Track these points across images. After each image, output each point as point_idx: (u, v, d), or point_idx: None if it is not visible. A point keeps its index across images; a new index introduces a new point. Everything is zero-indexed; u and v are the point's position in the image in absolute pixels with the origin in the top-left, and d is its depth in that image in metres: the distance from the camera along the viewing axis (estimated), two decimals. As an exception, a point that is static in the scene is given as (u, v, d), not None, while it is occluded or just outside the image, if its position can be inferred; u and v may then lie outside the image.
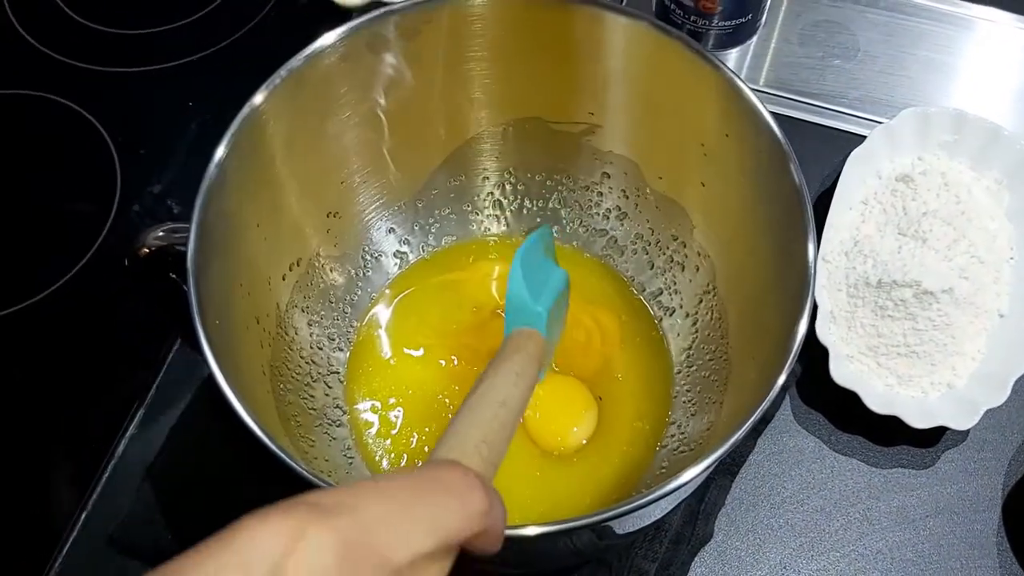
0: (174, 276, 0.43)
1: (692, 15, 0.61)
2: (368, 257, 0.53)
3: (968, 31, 0.67)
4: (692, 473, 0.36)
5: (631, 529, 0.47)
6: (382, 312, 0.53)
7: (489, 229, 0.56)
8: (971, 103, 0.62)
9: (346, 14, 0.63)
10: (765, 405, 0.37)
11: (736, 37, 0.64)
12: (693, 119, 0.47)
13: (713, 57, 0.43)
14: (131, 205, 0.60)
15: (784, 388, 0.38)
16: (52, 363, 0.55)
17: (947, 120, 0.58)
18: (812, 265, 0.40)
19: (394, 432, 0.49)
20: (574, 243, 0.55)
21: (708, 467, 0.37)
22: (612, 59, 0.48)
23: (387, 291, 0.54)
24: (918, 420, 0.51)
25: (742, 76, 0.44)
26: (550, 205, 0.55)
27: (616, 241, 0.54)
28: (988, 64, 0.66)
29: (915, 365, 0.53)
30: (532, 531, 0.35)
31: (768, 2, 0.64)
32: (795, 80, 0.65)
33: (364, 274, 0.53)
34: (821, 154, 0.61)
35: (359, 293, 0.53)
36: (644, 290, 0.54)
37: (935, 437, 0.53)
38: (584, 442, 0.50)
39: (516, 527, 0.36)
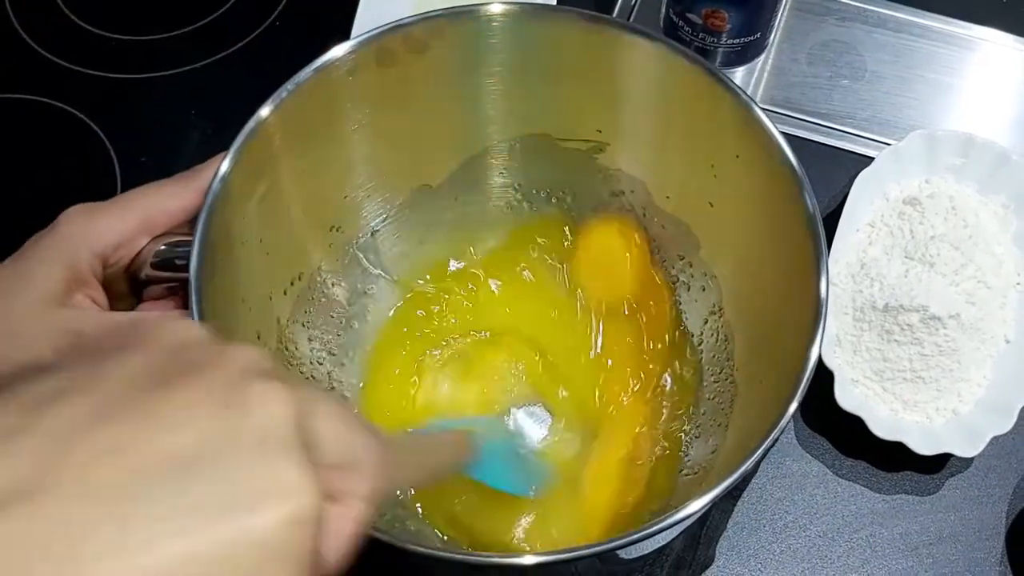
0: (174, 290, 0.42)
1: (700, 32, 0.61)
2: (371, 273, 0.52)
3: (977, 54, 0.67)
4: (700, 503, 0.36)
5: (634, 556, 0.47)
6: (384, 328, 0.53)
7: (494, 244, 0.55)
8: (979, 126, 0.62)
9: (352, 26, 0.63)
10: (776, 434, 0.37)
11: (744, 55, 0.63)
12: (703, 139, 0.46)
13: (726, 78, 0.43)
14: (131, 214, 0.59)
15: (791, 414, 0.38)
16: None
17: (955, 143, 0.58)
18: (825, 291, 0.39)
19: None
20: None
21: (717, 496, 0.36)
22: (623, 77, 0.47)
23: (390, 306, 0.53)
24: (923, 446, 0.50)
25: (749, 94, 0.43)
26: (555, 223, 0.54)
27: (622, 260, 0.54)
28: (997, 88, 0.66)
29: (921, 391, 0.52)
30: (531, 560, 0.35)
31: (777, 21, 0.64)
32: (802, 100, 0.65)
33: (366, 290, 0.52)
34: (828, 175, 0.61)
35: (361, 309, 0.52)
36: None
37: (940, 464, 0.53)
38: None
39: (518, 555, 0.36)
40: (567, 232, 0.54)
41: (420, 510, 0.47)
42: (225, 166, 0.40)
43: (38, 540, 0.19)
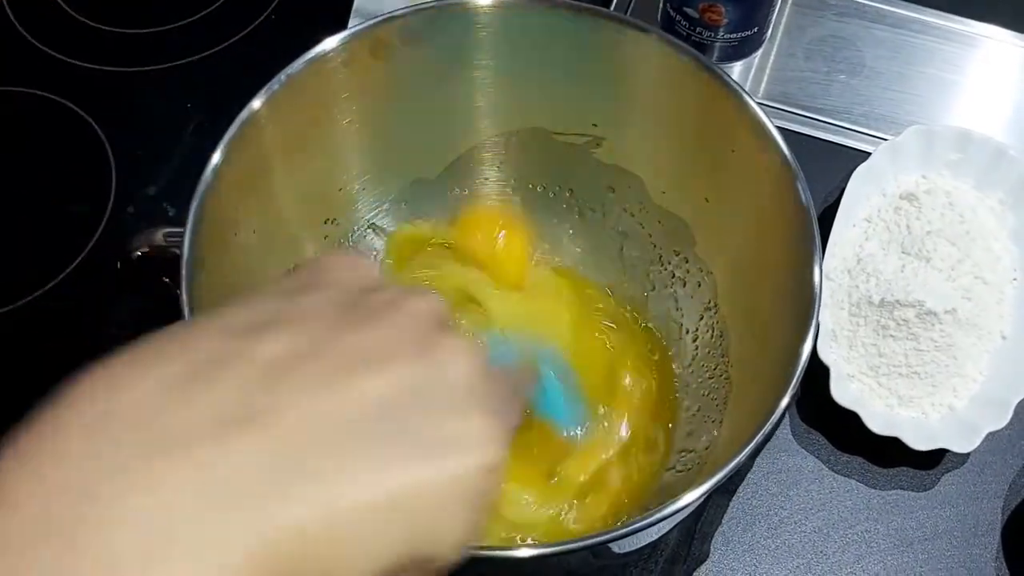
0: (167, 280, 0.42)
1: (697, 27, 0.61)
2: (366, 265, 0.52)
3: (975, 49, 0.67)
4: (693, 496, 0.35)
5: (627, 549, 0.46)
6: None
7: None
8: (976, 122, 0.62)
9: (347, 18, 0.63)
10: (768, 428, 0.37)
11: (741, 50, 0.63)
12: (699, 134, 0.46)
13: (722, 72, 0.43)
14: (126, 207, 0.59)
15: (785, 408, 0.38)
16: (41, 364, 0.54)
17: (952, 139, 0.58)
18: (818, 286, 0.39)
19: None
20: (575, 259, 0.54)
21: (710, 489, 0.36)
22: (618, 71, 0.47)
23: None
24: (918, 442, 0.50)
25: (747, 89, 0.43)
26: (553, 218, 0.54)
27: (617, 255, 0.54)
28: (994, 83, 0.66)
29: (916, 386, 0.52)
30: (525, 553, 0.35)
31: (774, 15, 0.63)
32: (800, 95, 0.65)
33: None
34: (825, 170, 0.61)
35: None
36: (644, 306, 0.53)
37: (935, 459, 0.53)
38: None
39: (510, 548, 0.36)
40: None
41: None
42: (217, 156, 0.40)
43: (259, 465, 0.20)
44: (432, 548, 0.22)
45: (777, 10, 0.65)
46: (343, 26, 0.63)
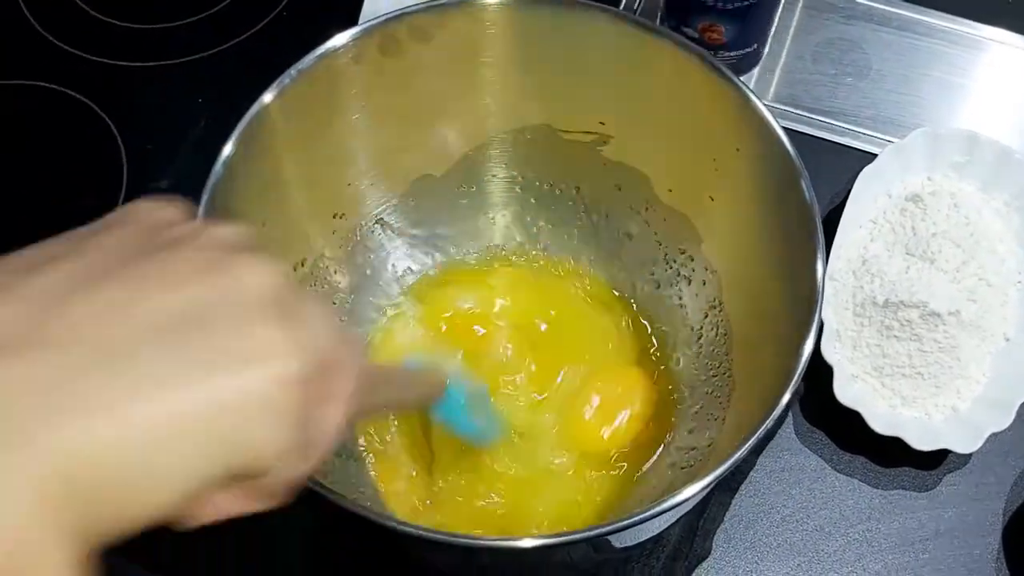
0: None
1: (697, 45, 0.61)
2: (373, 261, 0.53)
3: (981, 52, 0.67)
4: (692, 490, 0.36)
5: (629, 543, 0.47)
6: (385, 317, 0.53)
7: (495, 236, 0.55)
8: (982, 125, 0.62)
9: (357, 15, 0.63)
10: (768, 424, 0.37)
11: (739, 67, 0.63)
12: (705, 132, 0.47)
13: (728, 72, 0.43)
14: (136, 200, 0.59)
15: (787, 406, 0.38)
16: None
17: (958, 141, 0.58)
18: (820, 284, 0.39)
19: (392, 431, 0.49)
20: (581, 256, 0.55)
21: (709, 484, 0.36)
22: (625, 69, 0.47)
23: (391, 295, 0.53)
24: (921, 442, 0.51)
25: (754, 90, 0.44)
26: (559, 215, 0.55)
27: (622, 253, 0.54)
28: (1001, 86, 0.66)
29: (919, 387, 0.52)
30: (528, 543, 0.35)
31: (772, 32, 0.64)
32: (806, 96, 0.65)
33: (368, 278, 0.53)
34: (831, 171, 0.61)
35: (363, 297, 0.52)
36: (648, 303, 0.53)
37: (937, 460, 0.53)
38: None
39: (512, 539, 0.36)
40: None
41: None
42: (228, 149, 0.40)
43: (38, 387, 0.19)
44: (246, 462, 0.22)
45: (781, 17, 0.65)
46: (354, 23, 0.63)
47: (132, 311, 0.21)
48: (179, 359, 0.21)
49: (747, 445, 0.36)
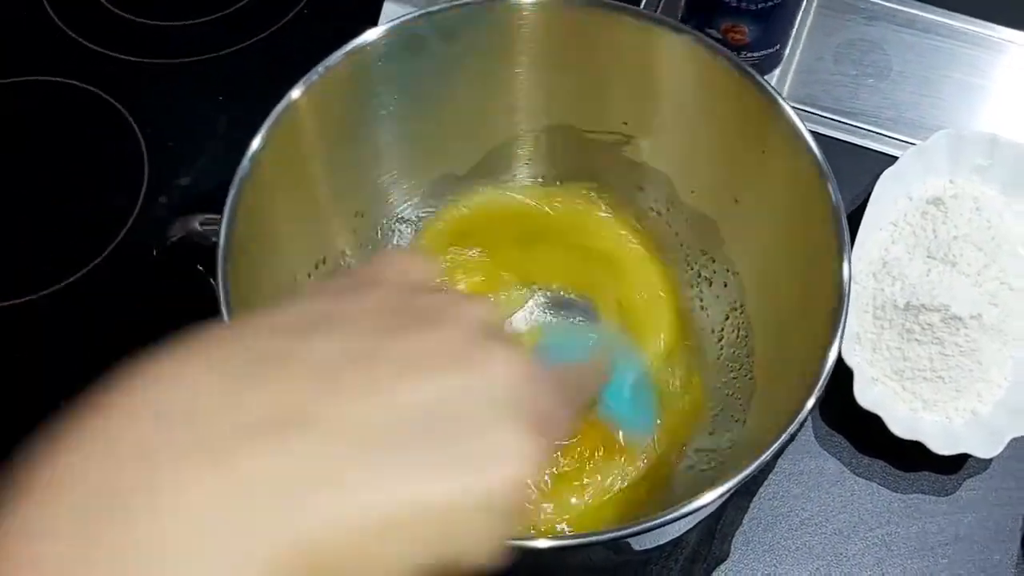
0: (201, 268, 0.42)
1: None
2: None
3: (1003, 55, 0.67)
4: (713, 495, 0.35)
5: (648, 546, 0.47)
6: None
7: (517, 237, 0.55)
8: (1004, 127, 0.62)
9: (378, 13, 0.63)
10: (792, 430, 0.37)
11: (760, 68, 0.63)
12: (730, 134, 0.46)
13: (754, 72, 0.43)
14: (158, 197, 0.59)
15: (809, 411, 0.38)
16: (71, 351, 0.55)
17: (980, 144, 0.58)
18: (847, 289, 0.39)
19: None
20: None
21: (732, 488, 0.36)
22: (650, 69, 0.47)
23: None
24: (941, 446, 0.50)
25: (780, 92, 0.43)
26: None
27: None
28: (1021, 88, 0.65)
29: (940, 390, 0.52)
30: (547, 544, 0.35)
31: (793, 33, 0.63)
32: (827, 97, 0.65)
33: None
34: (852, 173, 0.61)
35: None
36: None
37: (958, 464, 0.53)
38: None
39: (532, 539, 0.36)
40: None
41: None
42: (255, 145, 0.40)
43: (297, 468, 0.20)
44: (459, 556, 0.22)
45: (803, 15, 0.65)
46: (374, 21, 0.63)
47: (392, 399, 0.22)
48: (425, 453, 0.22)
49: (770, 450, 0.36)
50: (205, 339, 0.22)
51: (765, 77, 0.62)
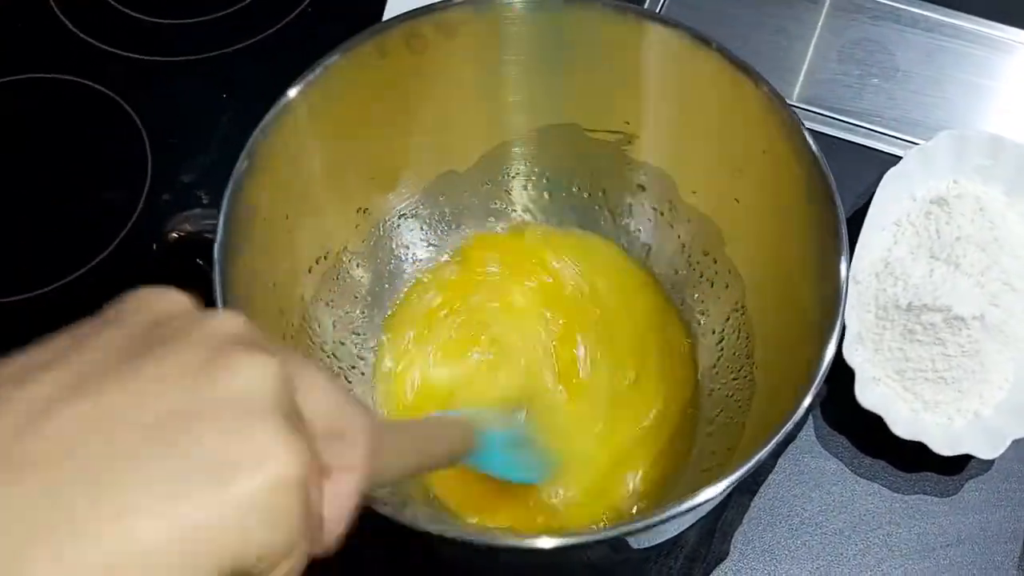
0: (200, 262, 0.43)
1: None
2: (394, 255, 0.53)
3: (1008, 55, 0.66)
4: (712, 492, 0.36)
5: (646, 545, 0.47)
6: (406, 310, 0.53)
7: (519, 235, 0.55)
8: (1009, 128, 0.61)
9: (382, 11, 0.63)
10: (789, 427, 0.37)
11: None
12: (731, 133, 0.46)
13: (755, 72, 0.43)
14: (161, 194, 0.60)
15: (808, 409, 0.38)
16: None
17: (984, 144, 0.57)
18: (844, 289, 0.39)
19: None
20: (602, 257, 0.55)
21: (729, 486, 0.36)
22: (651, 69, 0.47)
23: (412, 290, 0.53)
24: (943, 447, 0.50)
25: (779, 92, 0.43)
26: (583, 213, 0.55)
27: (645, 254, 0.54)
28: (1027, 89, 0.65)
29: (942, 391, 0.52)
30: (547, 543, 0.35)
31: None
32: (831, 97, 0.64)
33: (389, 272, 0.53)
34: (855, 173, 0.60)
35: (384, 290, 0.52)
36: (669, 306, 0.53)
37: (960, 465, 0.53)
38: None
39: (530, 537, 0.36)
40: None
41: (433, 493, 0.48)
42: (252, 142, 0.40)
43: (18, 513, 0.19)
44: (247, 567, 0.21)
45: (807, 17, 0.65)
46: (378, 19, 0.63)
47: (119, 421, 0.20)
48: (165, 472, 0.20)
49: (767, 447, 0.36)
50: None
51: (771, 77, 0.63)
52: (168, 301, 0.24)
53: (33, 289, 0.56)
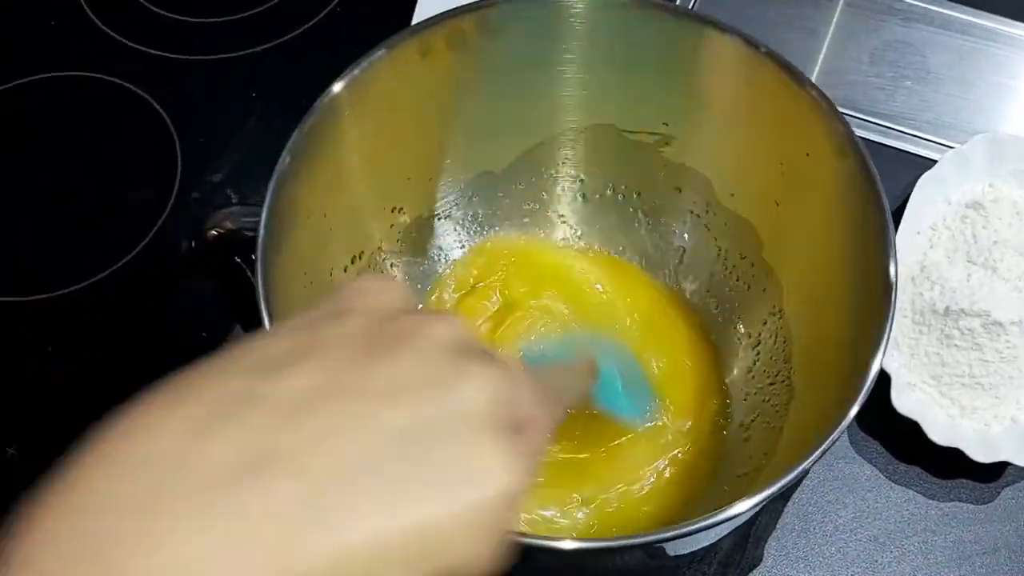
0: (239, 260, 0.42)
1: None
2: (430, 255, 0.52)
3: (1042, 58, 0.66)
4: (749, 503, 0.35)
5: (681, 552, 0.46)
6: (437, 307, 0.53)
7: (553, 234, 0.55)
8: (1043, 131, 0.61)
9: (412, 12, 0.63)
10: (831, 442, 0.36)
11: None
12: (773, 136, 0.46)
13: (800, 73, 0.43)
14: (191, 192, 0.59)
15: (851, 419, 0.37)
16: (103, 346, 0.55)
17: (1020, 147, 0.57)
18: (893, 296, 0.38)
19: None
20: (640, 259, 0.54)
21: (767, 498, 0.35)
22: (692, 69, 0.47)
23: (446, 292, 0.53)
24: (980, 453, 0.50)
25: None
26: (618, 215, 0.54)
27: (681, 256, 0.53)
28: (1062, 93, 0.65)
29: (979, 397, 0.52)
30: (585, 545, 0.35)
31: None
32: (864, 100, 0.64)
33: (424, 272, 0.52)
34: (889, 176, 0.58)
35: (416, 291, 0.52)
36: (707, 308, 0.53)
37: (996, 472, 0.52)
38: None
39: (565, 540, 0.36)
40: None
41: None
42: (295, 138, 0.40)
43: (278, 510, 0.20)
44: (453, 570, 0.22)
45: (838, 19, 0.64)
46: (408, 19, 0.63)
47: (367, 428, 0.22)
48: (406, 479, 0.22)
49: (808, 460, 0.35)
50: (177, 383, 0.22)
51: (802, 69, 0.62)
52: (390, 294, 0.26)
53: (65, 287, 0.56)
